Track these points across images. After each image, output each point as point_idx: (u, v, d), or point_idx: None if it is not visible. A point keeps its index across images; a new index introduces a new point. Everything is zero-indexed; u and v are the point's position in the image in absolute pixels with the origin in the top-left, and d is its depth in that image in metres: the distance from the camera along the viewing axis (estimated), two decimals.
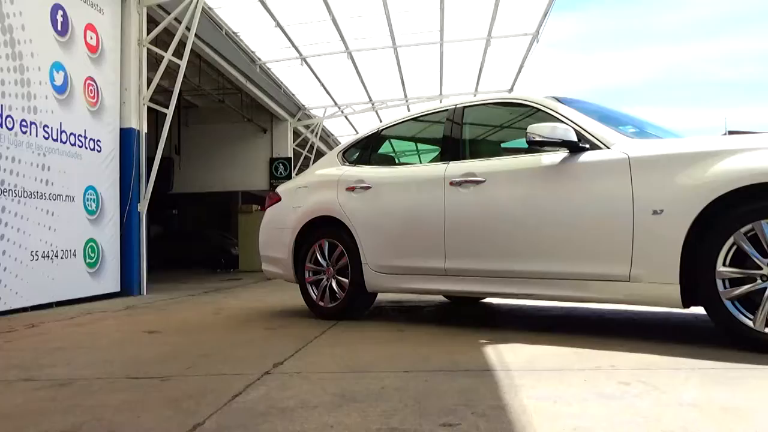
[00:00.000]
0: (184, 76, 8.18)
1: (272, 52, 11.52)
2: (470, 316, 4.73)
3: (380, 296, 4.78)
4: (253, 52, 11.46)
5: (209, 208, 22.04)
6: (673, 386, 2.21)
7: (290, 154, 15.54)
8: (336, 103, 15.19)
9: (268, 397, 2.24)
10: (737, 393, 2.10)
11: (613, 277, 3.15)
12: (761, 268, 2.73)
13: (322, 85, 13.46)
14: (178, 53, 7.82)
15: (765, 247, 2.72)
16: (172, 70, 8.25)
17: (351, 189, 4.48)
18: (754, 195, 2.75)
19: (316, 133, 16.61)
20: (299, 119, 15.70)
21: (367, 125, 13.12)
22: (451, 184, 3.87)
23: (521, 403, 2.05)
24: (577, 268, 3.30)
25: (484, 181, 3.73)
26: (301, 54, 11.43)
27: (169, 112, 7.88)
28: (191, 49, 8.05)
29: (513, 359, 2.78)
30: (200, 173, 15.31)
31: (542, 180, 3.50)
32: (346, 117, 16.55)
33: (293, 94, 14.48)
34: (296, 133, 16.17)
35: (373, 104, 15.30)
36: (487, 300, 5.44)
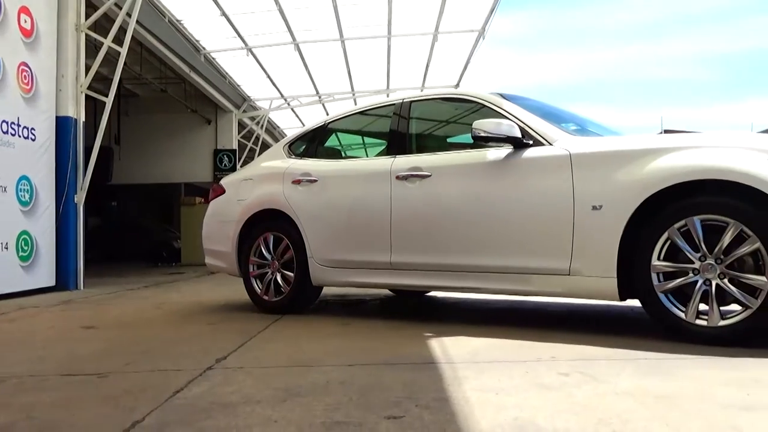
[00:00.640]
0: (125, 64, 7.92)
1: (217, 41, 11.31)
2: (415, 309, 4.76)
3: (325, 290, 4.76)
4: (197, 41, 11.21)
5: (151, 200, 21.47)
6: (610, 376, 2.28)
7: (235, 146, 15.28)
8: (282, 95, 15.03)
9: (211, 393, 2.20)
10: (670, 382, 2.18)
11: (554, 271, 3.23)
12: (693, 263, 2.85)
13: (269, 76, 13.29)
14: (119, 40, 7.56)
15: (697, 242, 2.83)
16: (111, 58, 7.98)
17: (297, 182, 4.44)
18: (688, 192, 2.87)
19: (262, 125, 16.40)
20: (245, 111, 15.46)
21: (314, 118, 13.02)
22: (398, 178, 3.88)
23: (464, 394, 2.08)
24: (520, 262, 3.36)
25: (429, 176, 3.76)
26: (246, 44, 11.25)
27: (109, 101, 7.62)
28: (132, 36, 7.81)
29: (457, 352, 2.82)
30: (141, 164, 14.87)
31: (487, 175, 3.55)
32: (292, 109, 16.40)
33: (239, 85, 14.25)
34: (241, 125, 15.91)
35: (320, 97, 15.21)
36: (432, 293, 5.50)
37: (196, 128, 15.22)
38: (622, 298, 3.08)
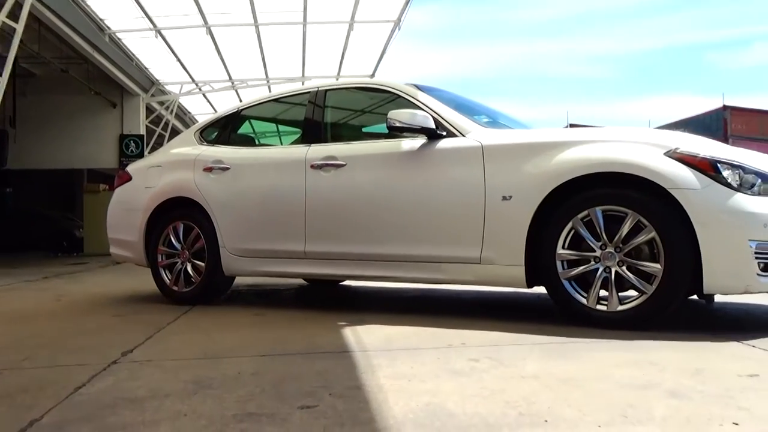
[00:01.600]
0: (21, 41, 7.43)
1: (124, 21, 10.80)
2: (329, 298, 4.76)
3: (238, 280, 4.68)
4: (101, 20, 10.66)
5: (51, 186, 20.29)
6: (517, 360, 2.37)
7: (143, 132, 14.67)
8: (193, 80, 14.57)
9: (116, 388, 2.12)
10: (573, 364, 2.29)
11: (465, 259, 3.31)
12: (594, 251, 3.00)
13: (179, 60, 12.85)
14: (14, 16, 7.09)
15: (598, 231, 2.98)
16: (6, 34, 7.46)
17: (209, 169, 4.33)
18: (591, 183, 3.01)
19: (172, 110, 15.84)
20: (153, 95, 14.87)
21: (227, 104, 12.71)
22: (312, 167, 3.85)
23: (378, 382, 2.10)
24: (433, 251, 3.43)
25: (344, 165, 3.75)
26: (155, 26, 10.81)
27: (3, 80, 7.14)
28: (29, 12, 7.33)
29: (370, 340, 2.84)
30: (40, 148, 14.01)
31: (401, 165, 3.58)
32: (204, 95, 15.94)
33: (147, 68, 13.68)
34: (150, 110, 15.30)
35: (233, 83, 14.85)
36: (347, 282, 5.51)
37: (100, 111, 14.48)
38: (530, 286, 3.20)
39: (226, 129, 4.66)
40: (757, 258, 2.75)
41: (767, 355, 2.42)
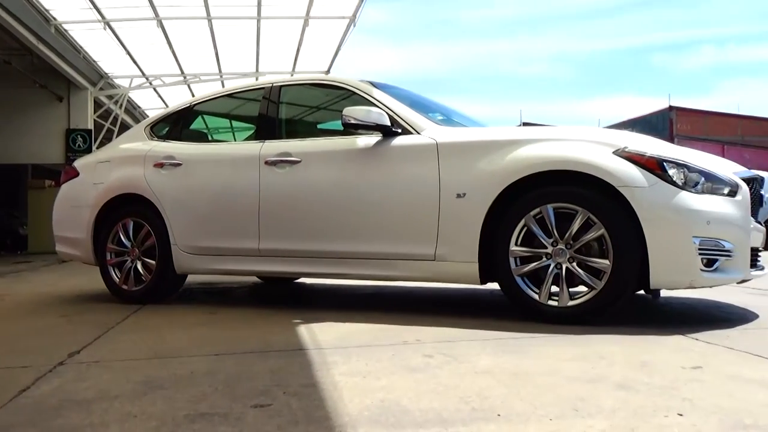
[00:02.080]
0: None
1: (70, 12, 10.46)
2: (284, 296, 4.73)
3: (191, 278, 4.60)
4: (47, 10, 10.31)
5: None
6: (470, 356, 2.39)
7: (90, 126, 14.22)
8: (144, 74, 14.22)
9: (62, 390, 2.06)
10: (525, 358, 2.33)
11: (420, 256, 3.33)
12: (546, 248, 3.05)
13: (129, 53, 12.53)
14: None
15: (550, 228, 3.03)
16: None
17: (160, 165, 4.24)
18: (544, 181, 3.06)
19: (121, 105, 15.41)
20: (101, 89, 14.45)
21: (179, 99, 12.45)
22: (266, 163, 3.82)
23: (333, 379, 2.09)
24: (388, 248, 3.44)
25: (299, 162, 3.73)
26: (104, 17, 10.52)
27: None
28: None
29: (325, 338, 2.83)
30: None
31: (356, 162, 3.58)
32: (155, 89, 15.58)
33: (95, 61, 13.28)
34: (98, 104, 14.86)
35: (185, 77, 14.56)
36: (302, 280, 5.48)
37: (46, 105, 13.98)
38: (483, 282, 3.25)
39: (178, 124, 4.57)
40: (700, 254, 2.85)
41: (710, 347, 2.51)
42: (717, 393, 1.87)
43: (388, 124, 3.46)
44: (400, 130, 3.49)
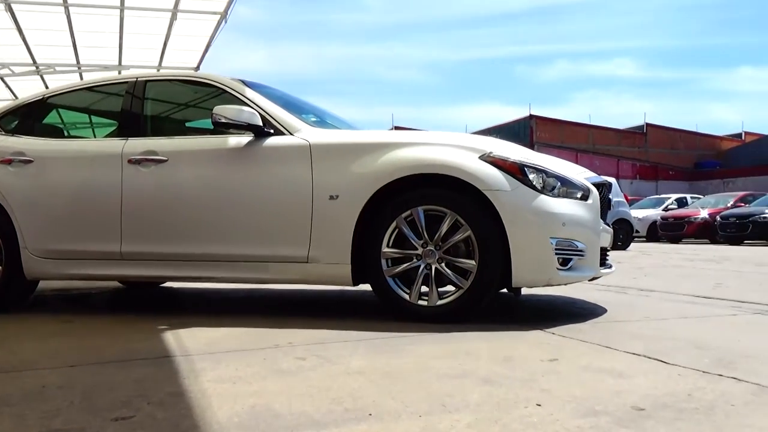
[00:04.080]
0: None
1: None
2: (148, 301, 4.50)
3: (43, 284, 4.26)
4: None
5: None
6: (343, 357, 2.40)
7: None
8: None
9: None
10: (395, 358, 2.38)
11: (292, 258, 3.30)
12: (417, 249, 3.14)
13: None
14: None
15: (420, 230, 3.12)
16: None
17: (7, 162, 3.89)
18: (414, 184, 3.14)
19: None
20: None
21: (30, 91, 11.50)
22: (130, 162, 3.62)
23: (201, 387, 2.02)
24: (259, 250, 3.38)
25: (166, 161, 3.57)
26: None
27: None
28: None
29: (193, 344, 2.73)
30: None
31: (227, 162, 3.49)
32: (2, 79, 14.29)
33: None
34: None
35: (38, 67, 13.49)
36: (168, 284, 5.25)
37: None
38: (356, 283, 3.28)
39: (29, 118, 4.21)
40: (557, 254, 3.05)
41: (565, 341, 2.69)
42: (571, 383, 2.01)
43: (260, 124, 3.40)
44: (272, 131, 3.44)
